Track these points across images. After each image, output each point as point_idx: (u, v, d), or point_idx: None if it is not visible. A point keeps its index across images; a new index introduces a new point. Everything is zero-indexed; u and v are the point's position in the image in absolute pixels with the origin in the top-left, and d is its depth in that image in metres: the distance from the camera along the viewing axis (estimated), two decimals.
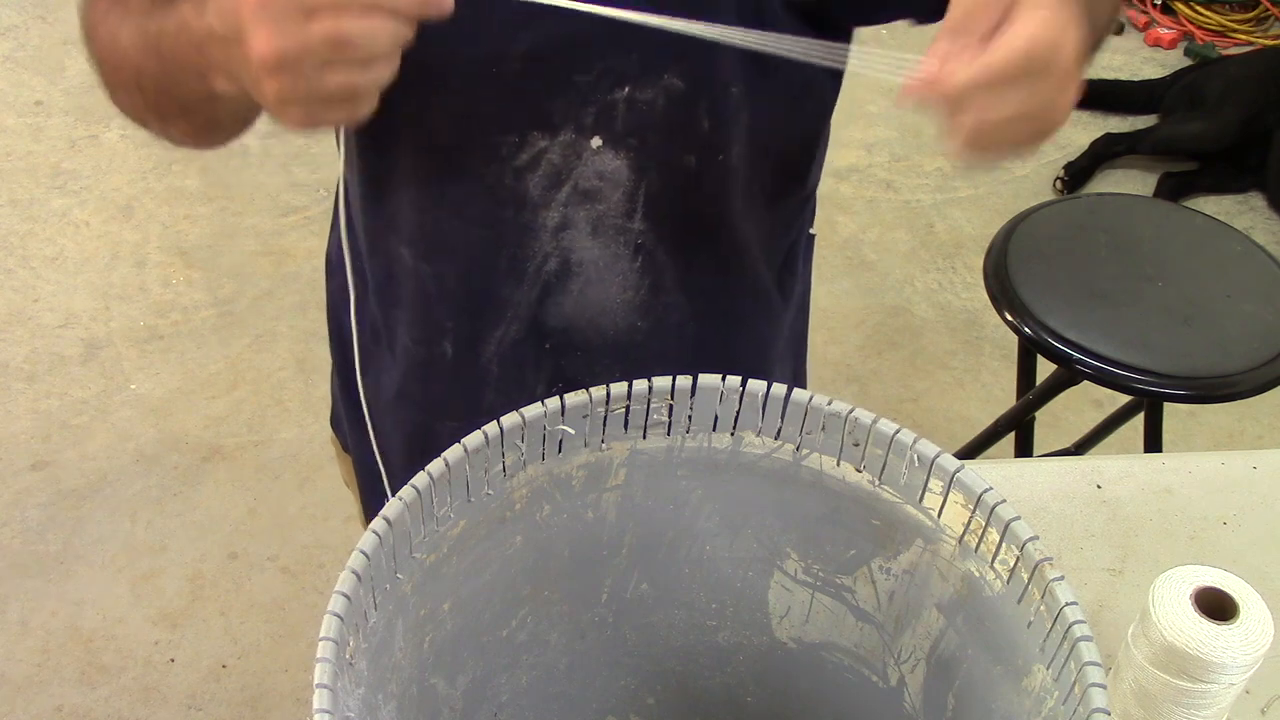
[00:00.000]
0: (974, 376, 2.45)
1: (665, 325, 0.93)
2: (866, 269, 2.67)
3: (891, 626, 0.72)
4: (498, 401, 0.95)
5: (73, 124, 2.91)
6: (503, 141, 0.84)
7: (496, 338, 0.92)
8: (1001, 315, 1.62)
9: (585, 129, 0.83)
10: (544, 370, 0.94)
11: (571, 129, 0.83)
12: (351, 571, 0.59)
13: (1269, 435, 2.34)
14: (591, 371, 0.94)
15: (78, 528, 2.06)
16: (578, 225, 0.87)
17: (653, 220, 0.88)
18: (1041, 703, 0.62)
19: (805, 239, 1.04)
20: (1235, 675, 0.77)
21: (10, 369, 2.32)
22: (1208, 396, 1.54)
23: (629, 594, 0.76)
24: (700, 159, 0.86)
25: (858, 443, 0.67)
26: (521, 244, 0.88)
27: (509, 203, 0.86)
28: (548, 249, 0.88)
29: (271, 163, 2.84)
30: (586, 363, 0.94)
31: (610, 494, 0.71)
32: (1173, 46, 3.44)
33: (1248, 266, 1.67)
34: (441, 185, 0.87)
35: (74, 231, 2.64)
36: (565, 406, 0.66)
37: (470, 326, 0.93)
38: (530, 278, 0.89)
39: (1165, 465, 1.10)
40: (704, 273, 0.93)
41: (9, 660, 1.86)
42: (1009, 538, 0.63)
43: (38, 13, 3.26)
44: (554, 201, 0.86)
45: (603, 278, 0.90)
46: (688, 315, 0.94)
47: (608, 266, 0.89)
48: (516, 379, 0.94)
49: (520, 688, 0.75)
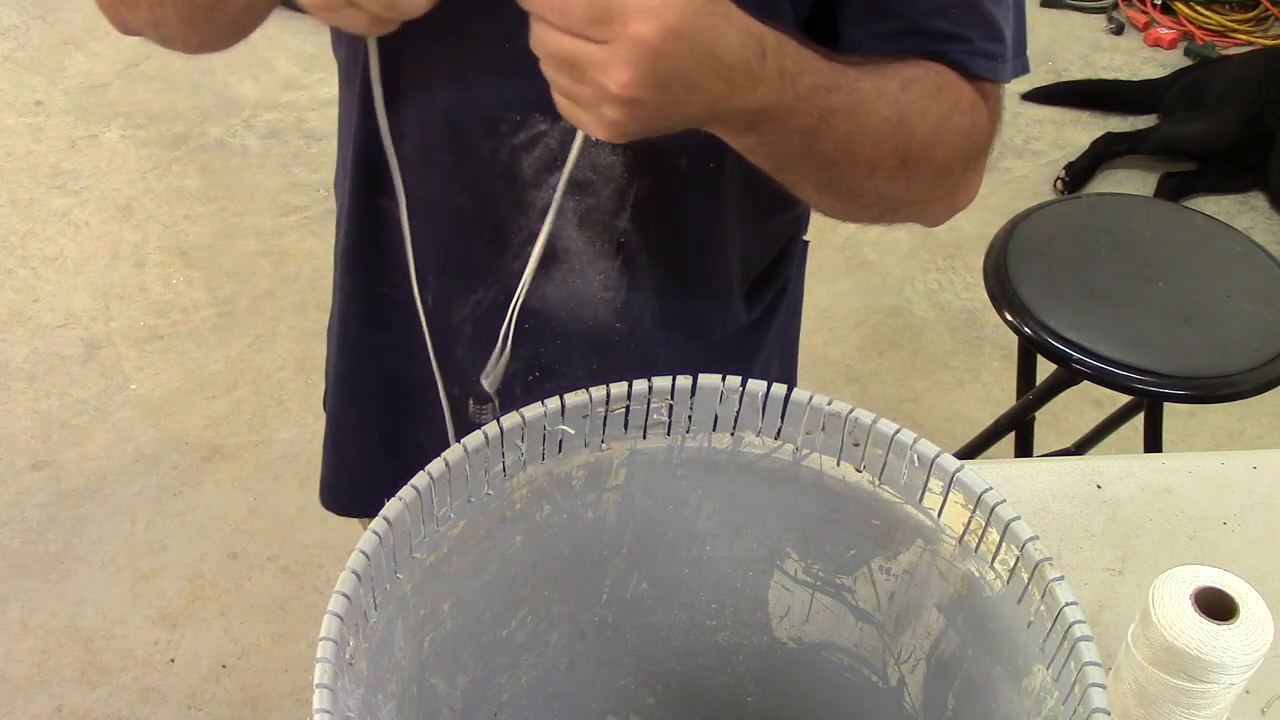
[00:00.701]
0: (974, 376, 2.45)
1: (642, 328, 0.94)
2: (866, 269, 2.67)
3: (891, 626, 0.72)
4: (467, 358, 0.96)
5: (73, 124, 2.91)
6: (504, 118, 0.84)
7: (474, 300, 0.93)
8: (1001, 315, 1.62)
9: None
10: (521, 351, 0.94)
11: None
12: (351, 571, 0.59)
13: (1269, 435, 2.34)
14: (568, 362, 0.95)
15: (78, 528, 2.06)
16: (566, 214, 0.88)
17: (640, 222, 0.88)
18: (1041, 703, 0.62)
19: (799, 247, 1.04)
20: (1235, 675, 0.76)
21: (10, 369, 2.32)
22: (1208, 396, 1.54)
23: (629, 594, 0.76)
24: (691, 163, 0.86)
25: (858, 443, 0.67)
26: (508, 218, 0.89)
27: (501, 178, 0.87)
28: (534, 229, 0.88)
29: (271, 163, 2.85)
30: (564, 352, 0.94)
31: (610, 494, 0.71)
32: (1173, 46, 3.44)
33: (1248, 266, 1.67)
34: (437, 151, 0.87)
35: (74, 231, 2.64)
36: (565, 406, 0.66)
37: (448, 285, 0.94)
38: (514, 249, 0.90)
39: (1165, 465, 1.10)
40: (681, 282, 0.93)
41: (9, 660, 1.86)
42: (1009, 538, 0.63)
43: (38, 13, 3.26)
44: (545, 184, 0.87)
45: (585, 271, 0.90)
46: (661, 321, 0.94)
47: (590, 262, 0.90)
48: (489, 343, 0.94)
49: (520, 688, 0.75)
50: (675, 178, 0.86)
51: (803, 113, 0.70)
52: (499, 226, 0.90)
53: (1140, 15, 3.53)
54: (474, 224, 0.90)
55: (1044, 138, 3.10)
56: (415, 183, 0.90)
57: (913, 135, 0.76)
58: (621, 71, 0.61)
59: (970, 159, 0.82)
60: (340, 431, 1.10)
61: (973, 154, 0.82)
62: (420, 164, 0.89)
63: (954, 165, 0.81)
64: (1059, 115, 3.17)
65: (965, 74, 0.80)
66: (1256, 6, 3.49)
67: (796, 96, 0.69)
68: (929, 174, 0.79)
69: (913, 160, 0.77)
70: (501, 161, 0.86)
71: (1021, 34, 0.84)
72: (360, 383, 1.05)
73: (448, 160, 0.88)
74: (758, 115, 0.68)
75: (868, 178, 0.76)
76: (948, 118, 0.78)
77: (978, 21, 0.80)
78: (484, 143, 0.86)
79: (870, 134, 0.74)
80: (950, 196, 0.84)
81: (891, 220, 0.86)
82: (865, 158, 0.75)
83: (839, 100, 0.71)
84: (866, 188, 0.78)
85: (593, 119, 0.65)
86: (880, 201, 0.80)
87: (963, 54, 0.79)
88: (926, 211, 0.85)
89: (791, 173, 0.77)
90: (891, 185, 0.78)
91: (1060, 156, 2.99)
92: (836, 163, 0.74)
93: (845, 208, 0.81)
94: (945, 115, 0.78)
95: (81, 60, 3.08)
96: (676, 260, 0.93)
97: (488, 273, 0.92)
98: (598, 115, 0.64)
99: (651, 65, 0.61)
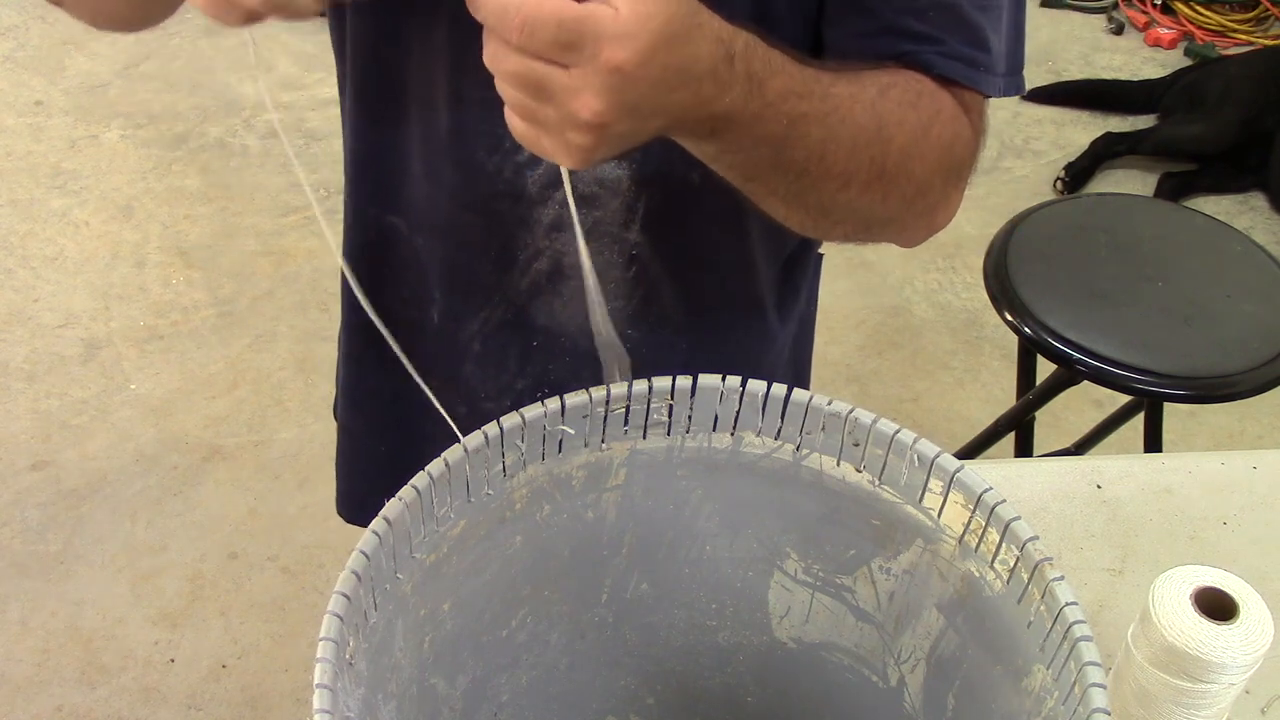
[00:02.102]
0: (974, 376, 2.45)
1: (658, 336, 0.93)
2: (866, 269, 2.67)
3: (891, 626, 0.72)
4: (475, 374, 0.95)
5: (73, 124, 2.91)
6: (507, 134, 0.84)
7: (481, 317, 0.93)
8: (1001, 315, 1.62)
9: None
10: (530, 367, 0.94)
11: None
12: (351, 571, 0.59)
13: (1269, 435, 2.34)
14: (579, 378, 0.94)
15: (78, 528, 2.06)
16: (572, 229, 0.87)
17: (651, 233, 0.87)
18: (1041, 703, 0.62)
19: (814, 258, 1.03)
20: (1235, 675, 0.76)
21: (10, 369, 2.32)
22: (1208, 396, 1.54)
23: (629, 594, 0.76)
24: (704, 177, 0.85)
25: (858, 443, 0.67)
26: (514, 235, 0.88)
27: (505, 195, 0.86)
28: (540, 245, 0.88)
29: (271, 163, 2.85)
30: (573, 369, 0.93)
31: (610, 494, 0.71)
32: (1173, 46, 3.44)
33: (1248, 266, 1.67)
34: (442, 167, 0.87)
35: (74, 231, 2.64)
36: (565, 406, 0.66)
37: (455, 302, 0.93)
38: (520, 266, 0.90)
39: (1165, 465, 1.10)
40: (700, 288, 0.93)
41: (9, 660, 1.86)
42: (1009, 538, 0.63)
43: (38, 13, 3.26)
44: (550, 200, 0.86)
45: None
46: (680, 329, 0.94)
47: (600, 274, 0.89)
48: (498, 360, 0.94)
49: (520, 688, 0.75)
50: (688, 190, 0.85)
51: (770, 119, 0.66)
52: (505, 243, 0.89)
53: (1140, 15, 3.53)
54: (480, 241, 0.89)
55: (1044, 138, 3.10)
56: (420, 200, 0.89)
57: (890, 145, 0.72)
58: (594, 99, 0.58)
59: (951, 174, 0.78)
60: (351, 440, 1.09)
61: (954, 169, 0.78)
62: (426, 181, 0.89)
63: (933, 181, 0.77)
64: (1059, 115, 3.17)
65: (941, 78, 0.77)
66: (1256, 6, 3.49)
67: (764, 102, 0.65)
68: (908, 188, 0.75)
69: (889, 172, 0.73)
70: (506, 179, 0.85)
71: (1017, 53, 0.81)
72: (368, 394, 1.05)
73: (453, 178, 0.87)
74: (722, 121, 0.65)
75: (840, 190, 0.73)
76: (927, 128, 0.75)
77: (956, 25, 0.76)
78: (488, 160, 0.85)
79: (845, 142, 0.70)
80: (930, 215, 0.80)
81: (865, 239, 0.82)
82: (839, 168, 0.71)
83: (810, 106, 0.68)
84: (839, 201, 0.74)
85: (557, 145, 0.61)
86: (853, 217, 0.76)
87: (934, 55, 0.76)
88: (904, 231, 0.81)
89: (758, 183, 0.73)
90: (866, 200, 0.74)
91: (1060, 156, 2.99)
92: (807, 172, 0.71)
93: (816, 223, 0.77)
94: (925, 125, 0.75)
95: (81, 60, 3.08)
96: (696, 273, 0.91)
97: (495, 290, 0.91)
98: (563, 142, 0.60)
99: (624, 93, 0.58)
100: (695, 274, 0.92)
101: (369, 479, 1.10)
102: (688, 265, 0.91)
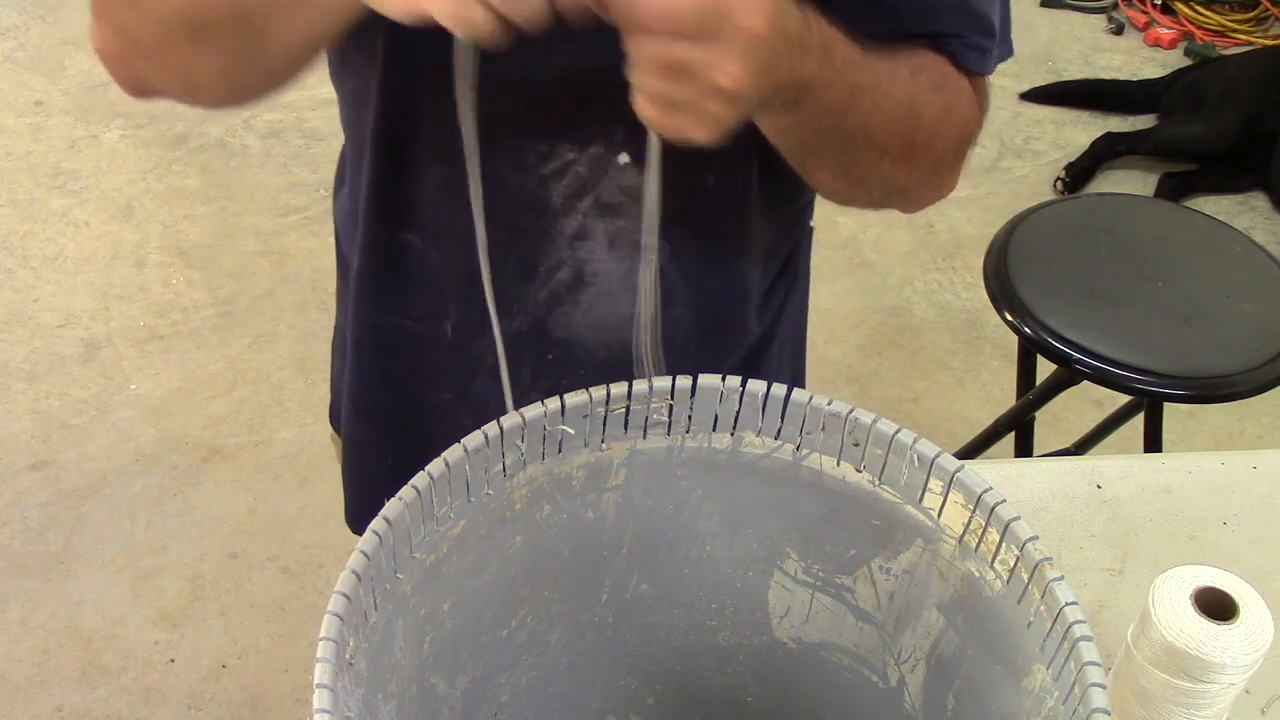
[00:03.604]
0: (974, 376, 2.45)
1: (672, 341, 0.93)
2: (866, 269, 2.67)
3: (891, 626, 0.72)
4: (489, 388, 0.95)
5: (73, 124, 2.91)
6: (531, 149, 0.83)
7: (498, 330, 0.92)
8: (1001, 315, 1.62)
9: (615, 145, 0.83)
10: (544, 382, 0.93)
11: (601, 144, 0.83)
12: (351, 571, 0.59)
13: (1269, 435, 2.34)
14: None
15: (78, 528, 2.06)
16: (595, 237, 0.87)
17: (672, 239, 0.87)
18: (1041, 703, 0.62)
19: (805, 234, 1.04)
20: (1235, 675, 0.76)
21: (10, 369, 2.32)
22: (1208, 396, 1.54)
23: (629, 594, 0.76)
24: (719, 180, 0.86)
25: (858, 443, 0.67)
26: (535, 247, 0.88)
27: (529, 208, 0.86)
28: (562, 255, 0.88)
29: (271, 163, 2.85)
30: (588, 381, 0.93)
31: (610, 494, 0.71)
32: (1173, 46, 3.44)
33: (1248, 266, 1.67)
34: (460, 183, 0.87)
35: (74, 231, 2.64)
36: (565, 406, 0.66)
37: (471, 315, 0.92)
38: (540, 278, 0.89)
39: (1165, 465, 1.10)
40: (711, 286, 0.93)
41: (9, 660, 1.86)
42: (1009, 538, 0.63)
43: (38, 13, 3.26)
44: (574, 210, 0.86)
45: (615, 291, 0.89)
46: (694, 332, 0.94)
47: (621, 280, 0.89)
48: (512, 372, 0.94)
49: (520, 688, 0.75)
50: (704, 191, 0.86)
51: (838, 86, 0.69)
52: (525, 255, 0.88)
53: (1140, 15, 3.53)
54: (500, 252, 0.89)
55: (1044, 138, 3.10)
56: (436, 215, 0.89)
57: (920, 121, 0.77)
58: (734, 65, 0.60)
59: (961, 151, 0.84)
60: (358, 452, 1.08)
61: (965, 146, 0.83)
62: (442, 196, 0.88)
63: (949, 156, 0.82)
64: (1059, 115, 3.17)
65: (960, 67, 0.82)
66: (1256, 6, 3.49)
67: (834, 69, 0.68)
68: (928, 162, 0.80)
69: (917, 146, 0.78)
70: (530, 192, 0.85)
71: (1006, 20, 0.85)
72: (375, 407, 1.03)
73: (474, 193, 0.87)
74: (804, 88, 0.68)
75: (878, 160, 0.77)
76: (950, 109, 0.80)
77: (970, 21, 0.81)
78: (512, 175, 0.84)
79: (885, 115, 0.74)
80: (941, 187, 0.85)
81: (882, 206, 0.86)
82: (878, 139, 0.75)
83: (864, 78, 0.71)
84: (877, 171, 0.78)
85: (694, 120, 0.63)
86: (883, 186, 0.81)
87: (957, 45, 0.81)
88: (917, 201, 0.86)
89: (815, 155, 0.76)
90: (896, 170, 0.79)
91: (1060, 156, 2.99)
92: (855, 143, 0.74)
93: (852, 191, 0.82)
94: (948, 107, 0.80)
95: (81, 60, 3.08)
96: (708, 272, 0.92)
97: (513, 302, 0.90)
98: (702, 115, 0.62)
99: (760, 55, 0.61)
100: (707, 272, 0.92)
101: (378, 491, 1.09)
102: (701, 265, 0.91)
